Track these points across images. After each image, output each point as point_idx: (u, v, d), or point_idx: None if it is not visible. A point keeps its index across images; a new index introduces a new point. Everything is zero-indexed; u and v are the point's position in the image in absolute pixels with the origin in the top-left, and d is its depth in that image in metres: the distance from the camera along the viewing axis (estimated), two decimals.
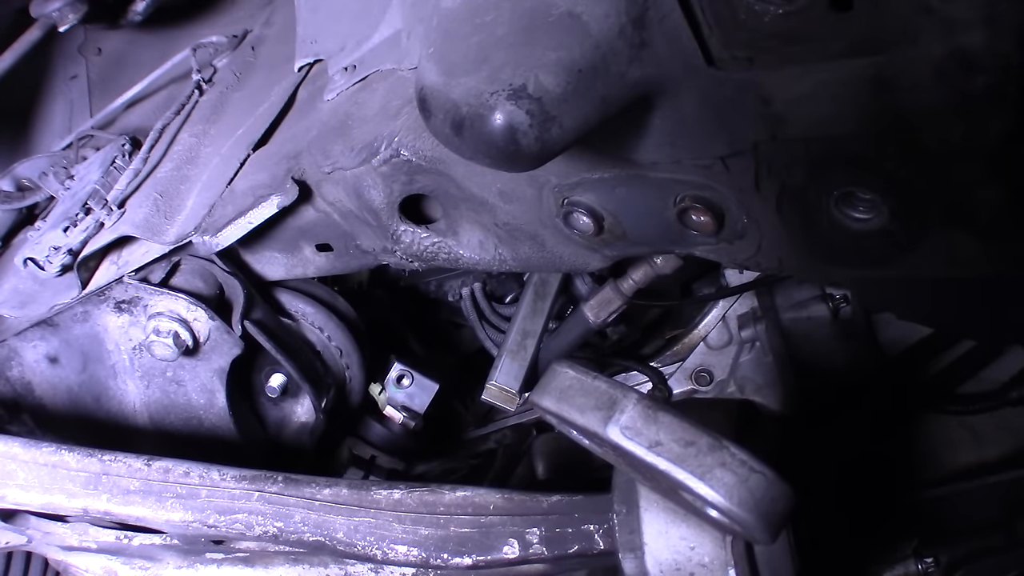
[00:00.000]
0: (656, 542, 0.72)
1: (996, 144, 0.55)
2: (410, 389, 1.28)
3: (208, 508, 0.87)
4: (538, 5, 0.61)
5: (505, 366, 1.13)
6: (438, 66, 0.64)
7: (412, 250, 1.00)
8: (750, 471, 0.59)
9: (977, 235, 0.62)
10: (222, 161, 1.11)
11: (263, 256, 1.10)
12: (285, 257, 1.10)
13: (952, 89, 0.53)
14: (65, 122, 1.61)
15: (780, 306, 1.19)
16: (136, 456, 0.91)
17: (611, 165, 0.75)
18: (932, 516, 1.10)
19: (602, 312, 1.10)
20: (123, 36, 1.59)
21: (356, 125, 0.94)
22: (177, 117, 1.24)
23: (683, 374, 1.27)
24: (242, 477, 0.89)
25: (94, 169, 1.25)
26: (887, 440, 1.16)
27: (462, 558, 0.81)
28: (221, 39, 1.34)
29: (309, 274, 1.12)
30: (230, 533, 0.87)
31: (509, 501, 0.82)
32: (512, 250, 0.94)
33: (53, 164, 1.34)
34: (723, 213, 0.73)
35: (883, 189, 0.63)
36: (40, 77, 1.62)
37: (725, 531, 0.69)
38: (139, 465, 0.90)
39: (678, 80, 0.62)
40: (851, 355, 1.16)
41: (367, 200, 0.95)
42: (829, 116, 0.59)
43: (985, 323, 0.90)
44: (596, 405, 0.64)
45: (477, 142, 0.61)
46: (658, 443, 0.61)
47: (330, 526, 0.85)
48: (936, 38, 0.51)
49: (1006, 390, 1.13)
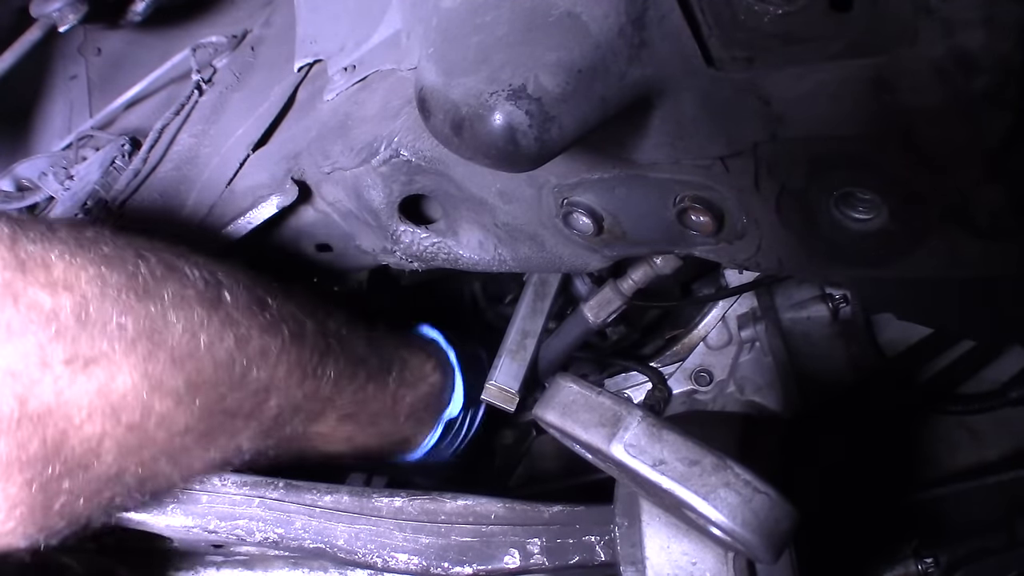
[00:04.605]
0: (658, 556, 0.72)
1: (996, 144, 0.55)
2: None
3: (209, 514, 0.87)
4: (538, 5, 0.61)
5: (505, 366, 1.13)
6: (438, 66, 0.64)
7: (412, 250, 1.00)
8: (754, 491, 0.59)
9: (977, 235, 0.62)
10: (222, 161, 1.11)
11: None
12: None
13: (952, 89, 0.53)
14: (65, 122, 1.61)
15: (780, 306, 1.19)
16: None
17: (611, 165, 0.75)
18: (932, 516, 1.10)
19: (602, 312, 1.10)
20: (123, 36, 1.59)
21: (356, 125, 0.94)
22: (177, 117, 1.24)
23: (683, 374, 1.27)
24: (243, 483, 0.89)
25: (94, 169, 1.25)
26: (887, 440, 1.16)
27: (463, 567, 0.81)
28: (221, 39, 1.34)
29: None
30: (230, 539, 0.87)
31: (511, 510, 0.82)
32: (512, 250, 0.94)
33: (53, 164, 1.34)
34: (723, 213, 0.73)
35: (883, 189, 0.63)
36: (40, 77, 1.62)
37: (728, 548, 0.69)
38: None
39: (678, 80, 0.62)
40: (851, 355, 1.16)
41: (367, 200, 0.95)
42: (829, 116, 0.59)
43: (985, 323, 0.90)
44: (600, 421, 0.64)
45: (477, 142, 0.61)
46: (662, 461, 0.61)
47: (331, 533, 0.85)
48: (936, 38, 0.51)
49: (1006, 390, 1.13)
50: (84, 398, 0.72)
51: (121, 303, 0.74)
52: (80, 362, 0.72)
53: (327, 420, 0.95)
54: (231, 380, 0.81)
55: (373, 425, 1.03)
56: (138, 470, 0.79)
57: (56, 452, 0.72)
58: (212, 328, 0.80)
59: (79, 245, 0.76)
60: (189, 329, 0.78)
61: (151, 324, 0.76)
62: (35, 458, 0.71)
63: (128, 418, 0.75)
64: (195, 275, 0.81)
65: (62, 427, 0.72)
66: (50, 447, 0.72)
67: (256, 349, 0.83)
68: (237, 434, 0.85)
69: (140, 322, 0.75)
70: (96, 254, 0.76)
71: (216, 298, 0.82)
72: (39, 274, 0.72)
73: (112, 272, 0.75)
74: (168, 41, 1.52)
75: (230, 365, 0.81)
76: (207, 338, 0.79)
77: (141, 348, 0.75)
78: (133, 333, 0.74)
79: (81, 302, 0.72)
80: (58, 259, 0.73)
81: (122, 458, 0.77)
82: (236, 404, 0.83)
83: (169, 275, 0.80)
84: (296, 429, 0.92)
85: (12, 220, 0.75)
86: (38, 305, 0.71)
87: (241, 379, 0.82)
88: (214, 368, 0.80)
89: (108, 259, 0.76)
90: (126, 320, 0.74)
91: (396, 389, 1.03)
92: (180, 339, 0.77)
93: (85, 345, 0.72)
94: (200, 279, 0.82)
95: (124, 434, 0.75)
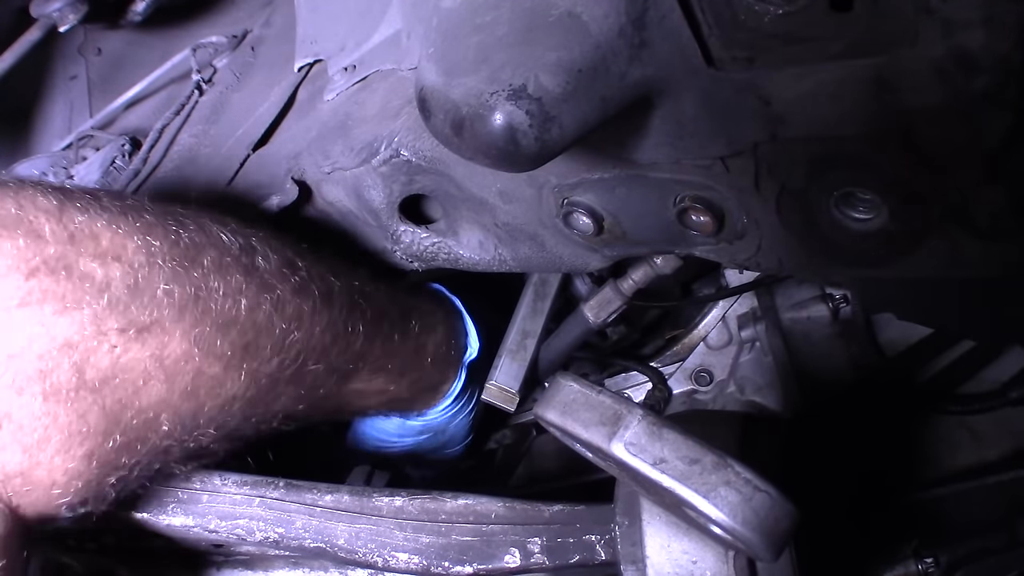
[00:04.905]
0: (658, 555, 0.72)
1: (996, 144, 0.55)
2: None
3: (209, 513, 0.87)
4: (538, 5, 0.61)
5: (505, 366, 1.13)
6: (438, 66, 0.64)
7: (412, 250, 1.00)
8: (755, 490, 0.59)
9: (977, 235, 0.62)
10: (222, 161, 1.11)
11: None
12: None
13: (952, 89, 0.53)
14: (65, 122, 1.61)
15: (780, 306, 1.19)
16: None
17: (611, 165, 0.75)
18: (932, 516, 1.10)
19: (602, 312, 1.10)
20: (123, 36, 1.59)
21: (356, 125, 0.94)
22: (177, 117, 1.24)
23: (683, 374, 1.27)
24: (243, 482, 0.89)
25: (94, 169, 1.25)
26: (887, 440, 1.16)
27: (463, 566, 0.81)
28: (221, 39, 1.34)
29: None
30: (231, 539, 0.87)
31: (511, 510, 0.82)
32: (512, 250, 0.94)
33: (53, 164, 1.34)
34: (723, 213, 0.73)
35: (883, 189, 0.63)
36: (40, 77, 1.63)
37: (728, 547, 0.69)
38: None
39: (678, 80, 0.62)
40: (851, 355, 1.16)
41: (367, 200, 0.95)
42: (829, 116, 0.59)
43: (985, 323, 0.90)
44: (600, 420, 0.64)
45: (477, 142, 0.61)
46: (662, 460, 0.61)
47: (331, 532, 0.85)
48: (936, 38, 0.51)
49: (1006, 390, 1.13)
50: (140, 364, 0.73)
51: (168, 270, 0.75)
52: (133, 330, 0.72)
53: (360, 376, 0.96)
54: (273, 344, 0.82)
55: (402, 375, 1.04)
56: (189, 442, 0.79)
57: (116, 422, 0.73)
58: (251, 292, 0.80)
59: (122, 213, 0.76)
60: (230, 294, 0.78)
61: (195, 290, 0.76)
62: (96, 429, 0.71)
63: (181, 384, 0.76)
64: (230, 240, 0.82)
65: (120, 396, 0.72)
66: (110, 417, 0.72)
67: (292, 312, 0.83)
68: (277, 400, 0.86)
69: (186, 288, 0.75)
70: (140, 222, 0.76)
71: (251, 263, 0.82)
72: (88, 245, 0.72)
73: (156, 239, 0.76)
74: (168, 41, 1.52)
75: (270, 329, 0.81)
76: (247, 302, 0.79)
77: (189, 314, 0.75)
78: (180, 300, 0.75)
79: (130, 271, 0.73)
80: (105, 228, 0.73)
81: (176, 429, 0.77)
82: (279, 368, 0.83)
83: (207, 241, 0.80)
84: (331, 389, 0.93)
85: (59, 190, 0.75)
86: (90, 276, 0.71)
87: (282, 343, 0.83)
88: (256, 332, 0.80)
89: (151, 227, 0.77)
90: (173, 287, 0.75)
91: (418, 335, 1.04)
92: (223, 304, 0.78)
93: (137, 313, 0.72)
94: (235, 244, 0.82)
95: (179, 402, 0.76)
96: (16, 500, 0.71)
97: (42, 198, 0.72)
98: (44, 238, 0.70)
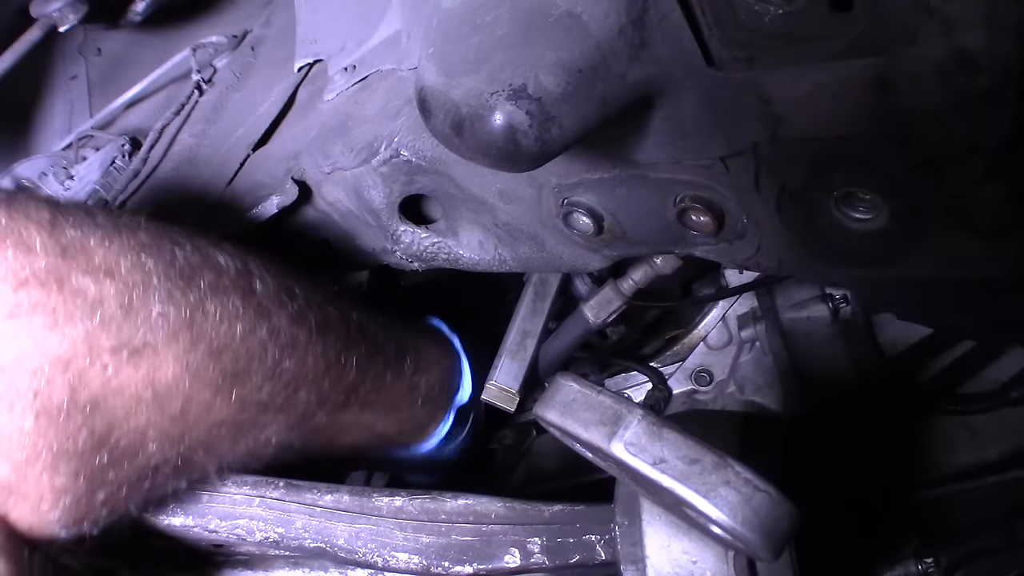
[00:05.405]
0: (658, 555, 0.72)
1: (997, 145, 0.55)
2: None
3: (209, 513, 0.87)
4: (538, 5, 0.61)
5: (505, 366, 1.13)
6: (438, 66, 0.64)
7: (412, 250, 1.00)
8: (754, 490, 0.59)
9: (977, 235, 0.62)
10: (222, 161, 1.11)
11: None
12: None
13: (952, 89, 0.53)
14: (65, 122, 1.62)
15: (780, 306, 1.19)
16: None
17: (611, 165, 0.75)
18: (932, 516, 1.10)
19: (602, 312, 1.10)
20: (123, 36, 1.59)
21: (356, 125, 0.94)
22: (177, 117, 1.24)
23: (683, 374, 1.27)
24: (243, 482, 0.89)
25: (94, 169, 1.25)
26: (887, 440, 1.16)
27: (463, 566, 0.81)
28: (221, 39, 1.34)
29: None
30: (231, 539, 0.87)
31: (511, 510, 0.82)
32: (512, 250, 0.94)
33: (53, 164, 1.35)
34: (723, 213, 0.73)
35: (883, 189, 0.63)
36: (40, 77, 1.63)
37: (728, 547, 0.69)
38: None
39: (678, 80, 0.62)
40: (851, 355, 1.16)
41: (367, 200, 0.95)
42: (829, 116, 0.59)
43: (985, 323, 0.90)
44: (600, 420, 0.64)
45: (477, 142, 0.61)
46: (662, 460, 0.61)
47: (331, 532, 0.85)
48: (936, 38, 0.51)
49: (1006, 390, 1.13)
50: (131, 387, 0.71)
51: (163, 292, 0.73)
52: (126, 351, 0.71)
53: (350, 410, 0.95)
54: (264, 371, 0.81)
55: (392, 412, 1.03)
56: (178, 461, 0.79)
57: (103, 443, 0.72)
58: (247, 318, 0.79)
59: (117, 230, 0.75)
60: (225, 319, 0.77)
61: (190, 313, 0.75)
62: (83, 449, 0.71)
63: (171, 409, 0.74)
64: (227, 263, 0.81)
65: (109, 418, 0.71)
66: (98, 438, 0.71)
67: (287, 339, 0.83)
68: (267, 427, 0.85)
69: (181, 311, 0.74)
70: (135, 240, 0.75)
71: (248, 287, 0.81)
72: (81, 260, 0.70)
73: (151, 259, 0.74)
74: (168, 41, 1.52)
75: (263, 356, 0.80)
76: (242, 328, 0.78)
77: (183, 338, 0.74)
78: (175, 322, 0.73)
79: (124, 289, 0.71)
80: (98, 245, 0.72)
81: (164, 449, 0.76)
82: (269, 396, 0.82)
83: (204, 263, 0.79)
84: (321, 420, 0.92)
85: (52, 204, 0.73)
86: (83, 292, 0.69)
87: (273, 370, 0.82)
88: (249, 359, 0.79)
89: (146, 246, 0.75)
90: (168, 309, 0.73)
91: (411, 374, 1.03)
92: (218, 329, 0.76)
93: (130, 333, 0.71)
94: (232, 267, 0.81)
95: (167, 425, 0.75)
96: (4, 511, 0.71)
97: (34, 210, 0.71)
98: (34, 251, 0.68)
